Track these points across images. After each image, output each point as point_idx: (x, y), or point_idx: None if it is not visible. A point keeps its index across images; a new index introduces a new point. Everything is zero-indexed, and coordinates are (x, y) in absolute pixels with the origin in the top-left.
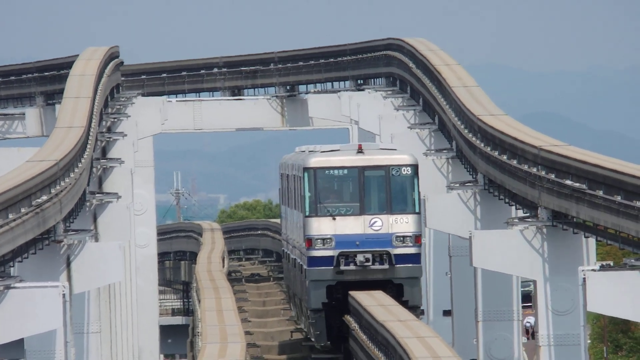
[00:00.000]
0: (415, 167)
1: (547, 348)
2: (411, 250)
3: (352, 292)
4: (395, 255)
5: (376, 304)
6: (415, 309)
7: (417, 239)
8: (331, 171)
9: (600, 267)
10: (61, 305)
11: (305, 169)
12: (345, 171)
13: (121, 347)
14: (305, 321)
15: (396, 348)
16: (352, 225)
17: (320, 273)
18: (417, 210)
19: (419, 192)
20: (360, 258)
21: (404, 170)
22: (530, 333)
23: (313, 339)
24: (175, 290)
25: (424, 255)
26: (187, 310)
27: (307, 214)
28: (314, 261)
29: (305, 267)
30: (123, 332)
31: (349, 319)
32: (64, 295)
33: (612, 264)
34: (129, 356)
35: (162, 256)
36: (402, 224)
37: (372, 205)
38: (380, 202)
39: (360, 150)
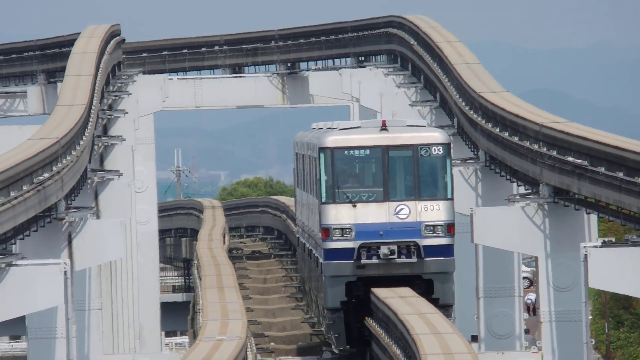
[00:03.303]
0: (447, 147)
1: (548, 324)
2: (443, 241)
3: (374, 290)
4: (424, 247)
5: (403, 303)
6: (447, 309)
7: (449, 228)
8: (351, 151)
9: (602, 243)
10: (62, 282)
11: (322, 149)
12: (367, 151)
13: (122, 323)
14: (322, 321)
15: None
16: (374, 213)
17: (339, 268)
18: (449, 196)
19: (451, 175)
20: (384, 250)
21: (435, 149)
22: (532, 309)
23: (331, 343)
24: (176, 267)
25: None
26: (188, 287)
27: (323, 200)
28: (331, 254)
29: (321, 260)
30: (124, 309)
31: (370, 322)
32: (65, 272)
33: (613, 240)
34: (130, 333)
35: (163, 233)
36: (432, 211)
37: (398, 190)
38: (407, 186)
39: (384, 127)
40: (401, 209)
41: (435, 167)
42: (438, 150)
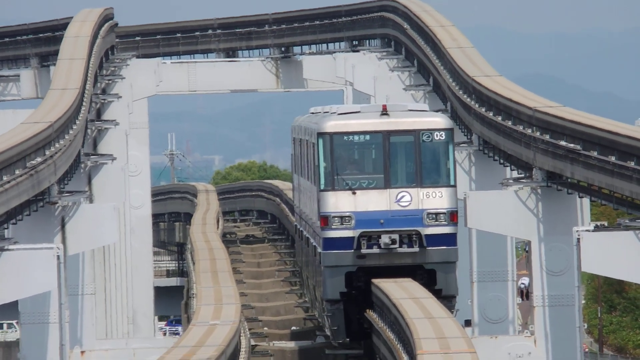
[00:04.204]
0: (450, 132)
1: (541, 309)
2: (446, 229)
3: (375, 280)
4: (426, 235)
5: (405, 295)
6: (450, 299)
7: (452, 216)
8: (350, 137)
9: (595, 227)
10: (55, 267)
11: (320, 134)
12: (367, 137)
13: (116, 308)
14: (321, 313)
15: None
16: (375, 201)
17: (338, 257)
18: (452, 183)
19: (454, 161)
20: (385, 239)
21: (437, 135)
22: (525, 294)
23: (329, 335)
24: (170, 252)
25: None
26: (182, 272)
27: (322, 187)
28: (330, 243)
29: (320, 250)
30: (117, 294)
31: (371, 314)
32: (58, 256)
33: (606, 224)
34: (123, 318)
35: (157, 217)
36: (434, 198)
37: (399, 176)
38: (408, 173)
39: (384, 112)
40: (402, 197)
41: (437, 153)
42: (440, 135)
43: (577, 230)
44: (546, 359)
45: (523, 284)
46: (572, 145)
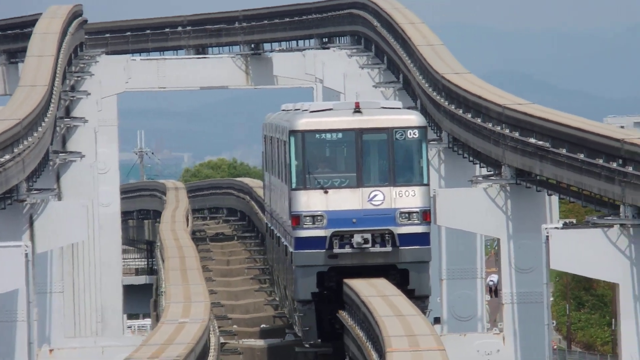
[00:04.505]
0: (423, 130)
1: (510, 306)
2: (418, 229)
3: (347, 280)
4: (399, 235)
5: (375, 293)
6: (423, 300)
7: (425, 215)
8: (322, 135)
9: (563, 224)
10: (24, 265)
11: (292, 132)
12: (340, 135)
13: (84, 306)
14: (292, 314)
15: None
16: (347, 200)
17: (310, 257)
18: (425, 182)
19: (427, 160)
20: (357, 239)
21: (410, 133)
22: (494, 291)
23: (300, 336)
24: (139, 250)
25: None
26: (151, 270)
27: (293, 186)
28: (301, 243)
29: (291, 249)
30: (86, 292)
31: (343, 314)
32: (26, 254)
33: (574, 221)
34: (92, 316)
35: (126, 215)
36: (407, 197)
37: (372, 175)
38: (381, 171)
39: (357, 110)
40: (375, 195)
41: (410, 152)
42: (414, 133)
43: (546, 228)
44: (515, 356)
45: (492, 281)
46: (541, 142)
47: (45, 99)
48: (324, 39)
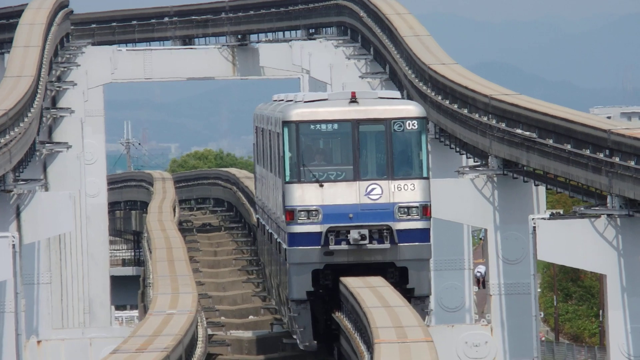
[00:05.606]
0: (423, 121)
1: (497, 297)
2: (418, 224)
3: (343, 279)
4: (398, 231)
5: (371, 294)
6: (423, 299)
7: (425, 210)
8: (317, 126)
9: (550, 215)
10: (11, 256)
11: (285, 123)
12: (335, 126)
13: (72, 298)
14: (286, 313)
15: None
16: (344, 194)
17: (304, 254)
18: (425, 175)
19: (427, 152)
20: (354, 235)
21: (409, 124)
22: (481, 282)
23: (296, 338)
24: (126, 241)
25: None
26: (138, 261)
27: (287, 179)
28: (296, 239)
29: (285, 246)
30: (74, 283)
31: (339, 315)
32: (13, 245)
33: (562, 212)
34: (79, 307)
35: (113, 206)
36: (406, 191)
37: (369, 168)
38: (379, 164)
39: (353, 100)
40: (373, 189)
41: (409, 143)
42: (413, 125)
43: (533, 219)
44: (503, 347)
45: (479, 272)
46: (528, 133)
47: (32, 89)
48: (310, 30)
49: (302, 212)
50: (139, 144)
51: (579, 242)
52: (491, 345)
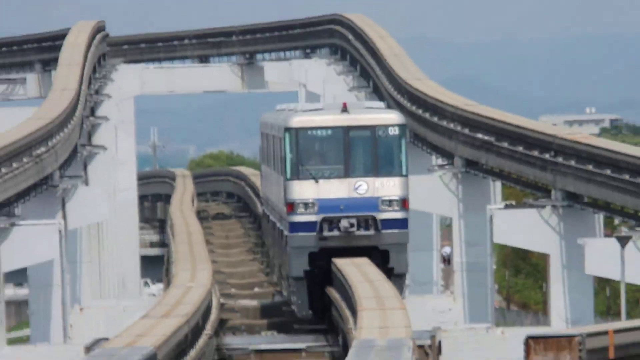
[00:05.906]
0: (403, 127)
1: (460, 273)
2: (398, 215)
3: (335, 260)
4: (381, 220)
5: (357, 271)
6: (401, 276)
7: (404, 203)
8: (314, 131)
9: (505, 206)
10: (58, 240)
11: (287, 129)
12: (329, 131)
13: (108, 274)
14: (286, 289)
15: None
16: (336, 189)
17: (302, 239)
18: (404, 173)
19: (406, 154)
20: (344, 223)
21: (391, 130)
22: (447, 260)
23: (294, 308)
24: (153, 226)
25: None
26: (163, 243)
27: (288, 177)
28: (295, 227)
29: (286, 232)
30: (109, 262)
31: (330, 290)
32: (60, 231)
33: (514, 203)
34: (114, 281)
35: (142, 198)
36: (388, 187)
37: (357, 167)
38: (365, 164)
39: (344, 109)
40: (360, 185)
41: (391, 146)
42: (394, 130)
43: (490, 208)
44: (464, 314)
45: (445, 252)
46: (487, 137)
47: (74, 100)
48: (307, 50)
49: (301, 205)
50: (164, 146)
51: (528, 228)
52: (454, 311)
